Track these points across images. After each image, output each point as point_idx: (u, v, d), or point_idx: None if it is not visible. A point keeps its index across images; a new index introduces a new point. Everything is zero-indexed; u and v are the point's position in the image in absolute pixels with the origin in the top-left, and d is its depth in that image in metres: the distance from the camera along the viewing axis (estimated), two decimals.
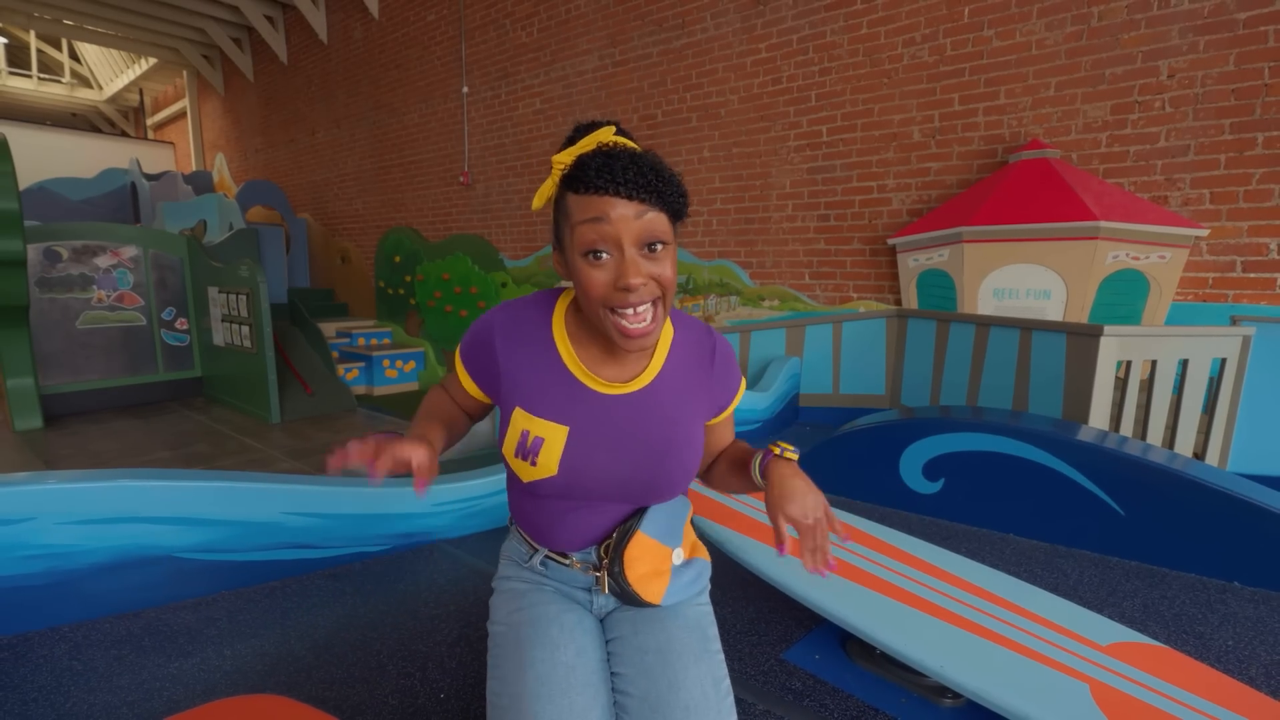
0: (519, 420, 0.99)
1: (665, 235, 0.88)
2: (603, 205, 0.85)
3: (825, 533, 0.94)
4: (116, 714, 1.59)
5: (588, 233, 0.86)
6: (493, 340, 1.02)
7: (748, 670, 1.80)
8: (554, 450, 0.97)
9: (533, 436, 0.98)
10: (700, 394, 1.06)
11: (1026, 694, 1.40)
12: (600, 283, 0.87)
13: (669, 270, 0.89)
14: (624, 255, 0.86)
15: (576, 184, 0.87)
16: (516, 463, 1.00)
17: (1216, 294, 3.53)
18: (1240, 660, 1.88)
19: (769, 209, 5.11)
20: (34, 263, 5.47)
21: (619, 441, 0.99)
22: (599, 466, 0.99)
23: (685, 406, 1.04)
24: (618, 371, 1.01)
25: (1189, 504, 2.37)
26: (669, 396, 1.02)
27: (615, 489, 1.02)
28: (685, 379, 1.04)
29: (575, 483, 1.00)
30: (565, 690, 0.95)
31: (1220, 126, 3.43)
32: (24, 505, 1.87)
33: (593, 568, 1.07)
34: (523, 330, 1.02)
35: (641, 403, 1.01)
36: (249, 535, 2.18)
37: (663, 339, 1.04)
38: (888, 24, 4.40)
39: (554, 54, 6.31)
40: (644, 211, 0.86)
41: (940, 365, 4.01)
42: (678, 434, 1.02)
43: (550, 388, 0.99)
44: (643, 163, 0.86)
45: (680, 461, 1.02)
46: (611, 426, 0.99)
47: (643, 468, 1.00)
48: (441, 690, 1.70)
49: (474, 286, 7.22)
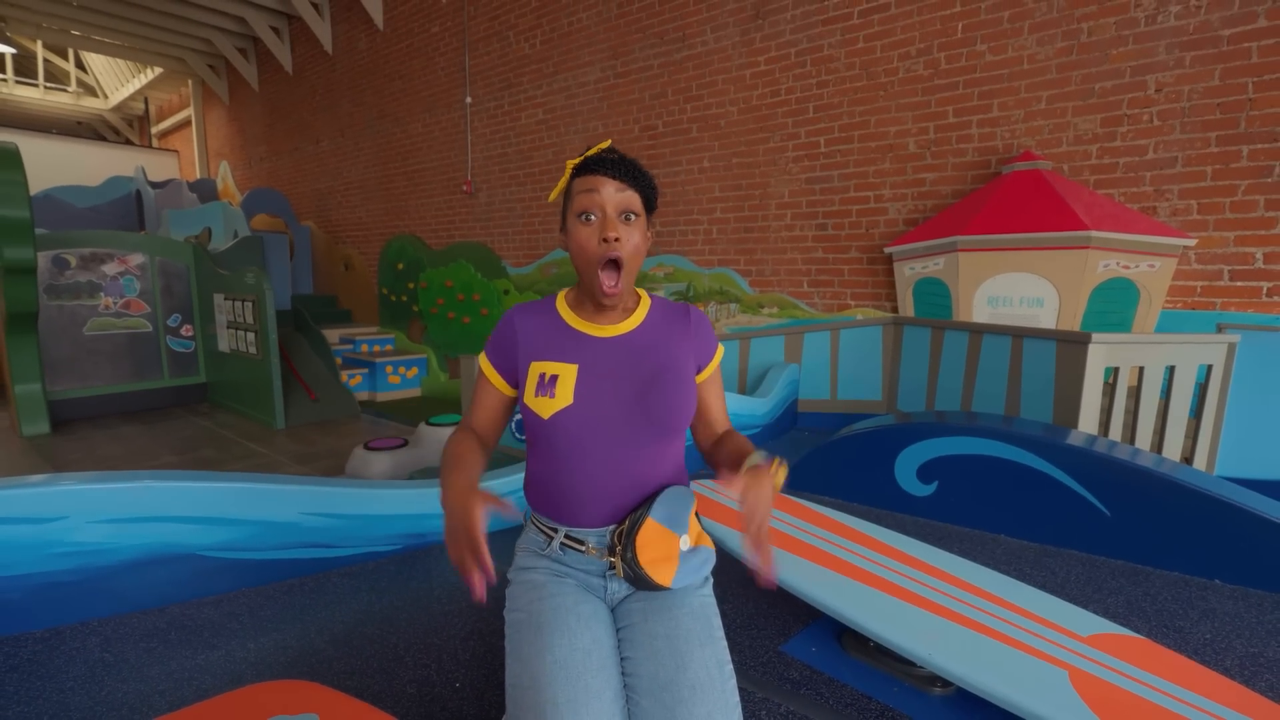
0: (535, 369, 1.19)
1: (637, 209, 1.16)
2: (594, 181, 1.14)
3: (764, 538, 1.02)
4: (150, 702, 1.68)
5: (583, 200, 1.14)
6: (512, 321, 1.25)
7: (748, 662, 1.89)
8: (568, 383, 1.16)
9: (549, 375, 1.18)
10: (680, 342, 1.26)
11: (1008, 680, 1.49)
12: (588, 237, 1.14)
13: (638, 236, 1.16)
14: (606, 216, 1.13)
15: (580, 170, 1.17)
16: (537, 401, 1.16)
17: (1205, 302, 3.63)
18: (1217, 652, 1.97)
19: (768, 218, 5.21)
20: (43, 270, 5.56)
21: (620, 372, 1.19)
22: (607, 392, 1.17)
23: (668, 348, 1.24)
24: (609, 321, 1.24)
25: (1173, 505, 2.46)
26: (653, 338, 1.24)
27: (622, 414, 1.16)
28: (666, 330, 1.26)
29: (589, 410, 1.15)
30: (581, 673, 1.04)
31: (1207, 139, 3.54)
32: (56, 505, 1.95)
33: (607, 551, 1.18)
34: (534, 310, 1.27)
35: (631, 342, 1.23)
36: (269, 535, 2.27)
37: (643, 304, 1.28)
38: (884, 38, 4.51)
39: (556, 65, 6.43)
40: (623, 189, 1.14)
41: (935, 371, 4.10)
42: (666, 365, 1.21)
43: (558, 340, 1.22)
44: (625, 159, 1.17)
45: (674, 389, 1.20)
46: (611, 361, 1.20)
47: (643, 392, 1.17)
48: (457, 680, 1.79)
49: (476, 293, 7.31)
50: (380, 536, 2.52)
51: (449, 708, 1.68)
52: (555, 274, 6.69)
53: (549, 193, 6.95)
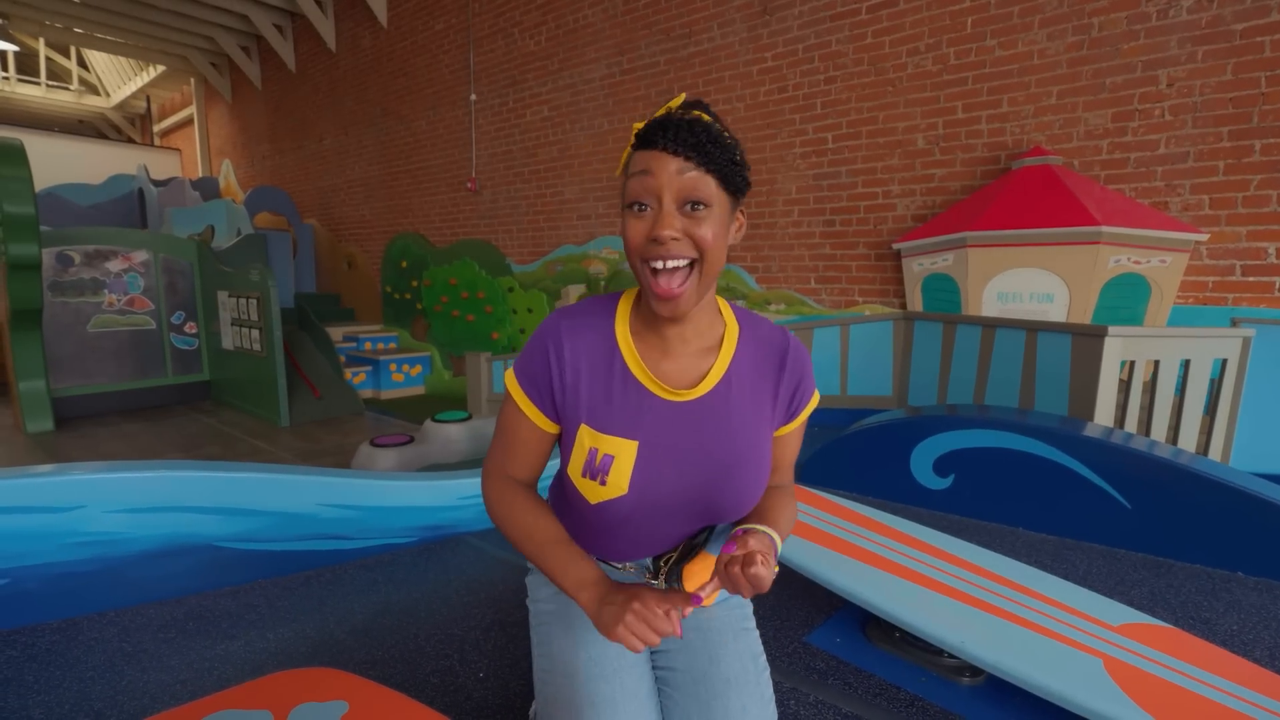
0: (585, 438, 0.95)
1: (708, 197, 0.86)
2: (649, 159, 0.86)
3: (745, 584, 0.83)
4: (172, 691, 1.66)
5: (633, 185, 0.88)
6: (561, 346, 0.96)
7: (773, 653, 1.87)
8: (625, 467, 0.93)
9: (602, 454, 0.93)
10: (768, 401, 1.01)
11: (1043, 668, 1.48)
12: (638, 233, 0.88)
13: (709, 233, 0.86)
14: (662, 208, 0.86)
15: (639, 142, 0.89)
16: (585, 484, 0.95)
17: (1216, 297, 3.62)
18: (1245, 643, 1.96)
19: (775, 214, 5.20)
20: (47, 267, 5.53)
21: (687, 454, 0.95)
22: (668, 481, 0.95)
23: (753, 414, 0.99)
24: (680, 372, 0.97)
25: (1194, 497, 2.45)
26: (736, 404, 0.98)
27: (683, 506, 0.97)
28: (753, 384, 0.99)
29: (645, 501, 0.95)
30: (617, 670, 1.01)
31: (1219, 134, 3.53)
32: (74, 494, 1.93)
33: (648, 573, 1.08)
34: (587, 335, 0.97)
35: (708, 410, 0.96)
36: (285, 526, 2.25)
37: (727, 340, 0.99)
38: (892, 34, 4.50)
39: (562, 62, 6.41)
40: (687, 168, 0.85)
41: (947, 367, 4.09)
42: (746, 445, 0.97)
43: (616, 399, 0.95)
44: (696, 125, 0.86)
45: (748, 476, 0.98)
46: (679, 437, 0.95)
47: (711, 482, 0.96)
48: (480, 670, 1.77)
49: (481, 291, 7.29)
50: (397, 528, 2.50)
51: (474, 697, 1.66)
52: (560, 271, 6.66)
53: (554, 190, 6.98)
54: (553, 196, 6.71)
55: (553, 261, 6.74)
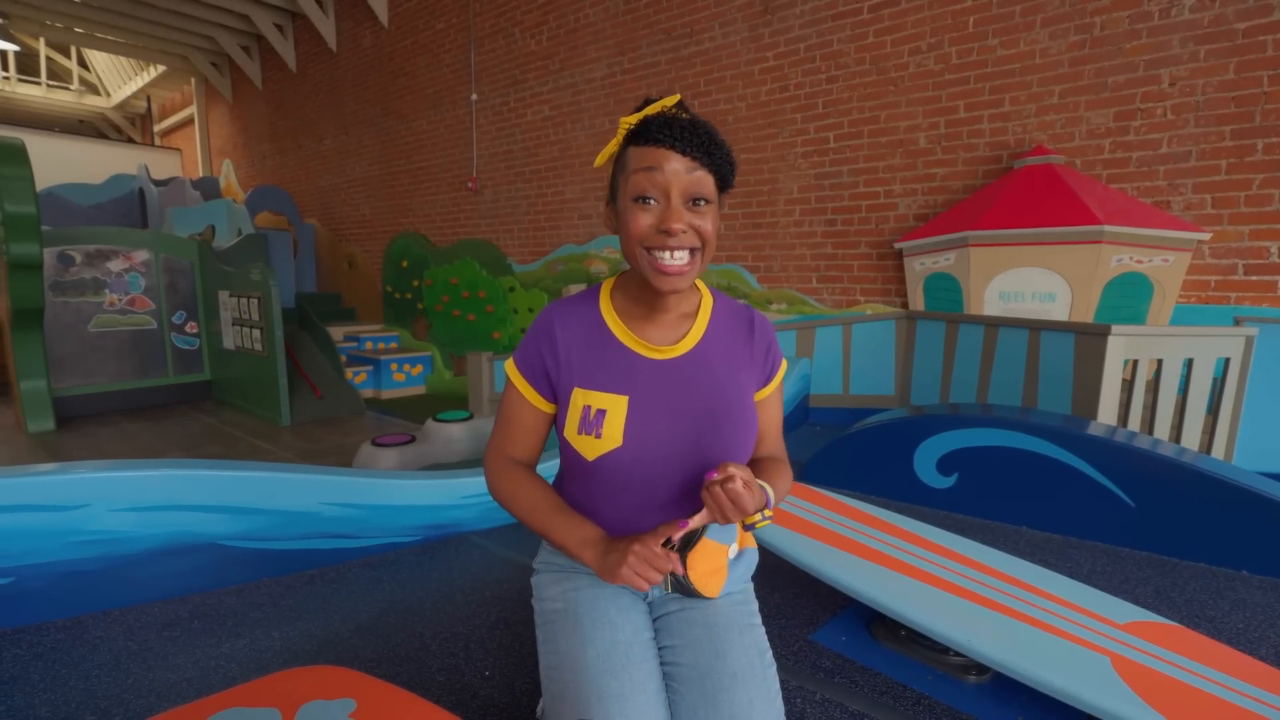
0: (579, 399, 1.04)
1: (710, 194, 0.96)
2: (658, 156, 0.93)
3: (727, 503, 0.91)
4: (178, 689, 1.65)
5: (641, 180, 0.95)
6: (552, 328, 1.07)
7: (779, 651, 1.87)
8: (617, 420, 1.01)
9: (595, 410, 1.02)
10: (744, 361, 1.11)
11: (1050, 666, 1.47)
12: (643, 224, 0.95)
13: (709, 225, 0.97)
14: (670, 203, 0.94)
15: (639, 138, 0.96)
16: (581, 440, 1.02)
17: (1219, 296, 3.62)
18: (1250, 641, 1.96)
19: (776, 214, 5.20)
20: (48, 266, 5.53)
21: (675, 405, 1.03)
22: (660, 433, 1.02)
23: (732, 371, 1.09)
24: (663, 335, 1.07)
25: (1198, 496, 2.45)
26: (715, 360, 1.08)
27: (677, 458, 1.03)
28: (729, 346, 1.10)
29: (641, 455, 1.02)
30: (625, 665, 1.01)
31: (1221, 133, 3.53)
32: (78, 493, 1.93)
33: None
34: (576, 313, 1.09)
35: (691, 366, 1.06)
36: (290, 524, 2.25)
37: (703, 308, 1.11)
38: (894, 33, 4.50)
39: (563, 62, 6.41)
40: (694, 168, 0.94)
41: (949, 366, 4.09)
42: (728, 396, 1.06)
43: (605, 361, 1.05)
44: (699, 127, 0.95)
45: (735, 424, 1.05)
46: (667, 391, 1.04)
47: (701, 433, 1.03)
48: (486, 669, 1.77)
49: (481, 291, 7.29)
50: (401, 527, 2.50)
51: (480, 696, 1.66)
52: (561, 271, 6.66)
53: (555, 189, 6.98)
54: (554, 196, 6.71)
55: (554, 261, 6.74)
